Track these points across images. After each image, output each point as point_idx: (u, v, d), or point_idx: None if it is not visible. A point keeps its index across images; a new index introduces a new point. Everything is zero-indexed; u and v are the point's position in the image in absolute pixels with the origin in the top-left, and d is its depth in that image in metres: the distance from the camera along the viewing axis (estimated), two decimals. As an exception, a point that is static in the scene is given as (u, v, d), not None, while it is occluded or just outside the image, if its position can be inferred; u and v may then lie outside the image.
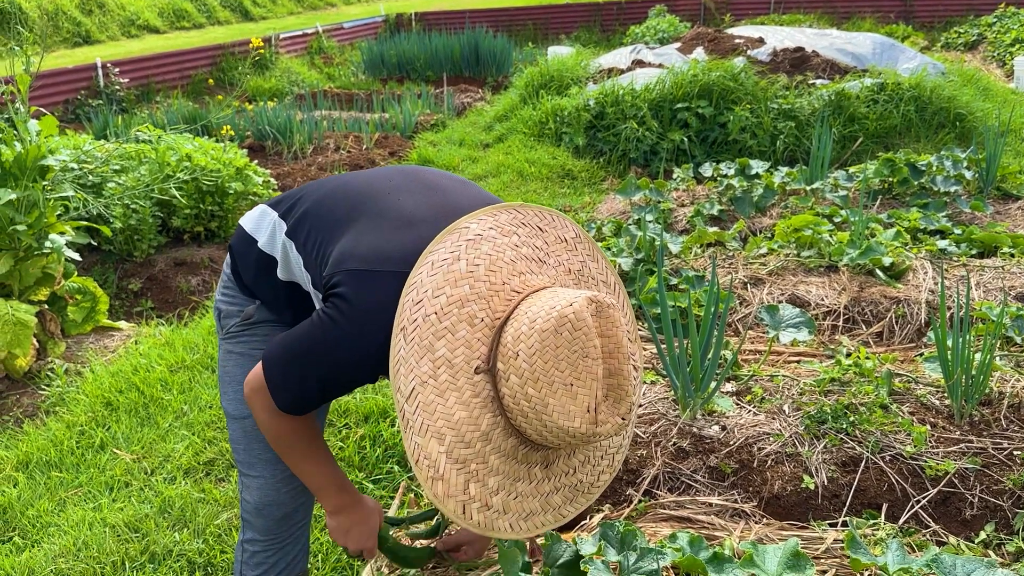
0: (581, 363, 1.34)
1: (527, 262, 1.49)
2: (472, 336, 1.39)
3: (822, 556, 2.16)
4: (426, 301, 1.39)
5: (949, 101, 7.12)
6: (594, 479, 1.59)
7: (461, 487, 1.37)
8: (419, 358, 1.37)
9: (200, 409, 3.30)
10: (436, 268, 1.41)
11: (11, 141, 3.76)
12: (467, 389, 1.38)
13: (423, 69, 12.38)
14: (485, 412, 1.39)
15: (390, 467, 2.84)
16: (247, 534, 1.87)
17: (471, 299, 1.40)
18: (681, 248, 4.16)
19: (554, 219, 1.59)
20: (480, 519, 1.39)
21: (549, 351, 1.33)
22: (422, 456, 1.35)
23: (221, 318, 1.83)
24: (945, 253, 3.94)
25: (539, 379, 1.34)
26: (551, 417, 1.34)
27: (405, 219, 1.55)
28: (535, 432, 1.38)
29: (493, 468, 1.40)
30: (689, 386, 2.70)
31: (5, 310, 3.62)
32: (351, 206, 1.61)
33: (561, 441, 1.38)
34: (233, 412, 1.83)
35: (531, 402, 1.35)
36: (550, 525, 1.50)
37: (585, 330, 1.34)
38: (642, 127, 7.06)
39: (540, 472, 1.48)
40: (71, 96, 9.81)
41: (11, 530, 2.74)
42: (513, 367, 1.36)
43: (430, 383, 1.36)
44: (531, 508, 1.46)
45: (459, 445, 1.37)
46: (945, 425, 2.65)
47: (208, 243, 5.56)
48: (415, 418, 1.36)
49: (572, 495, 1.54)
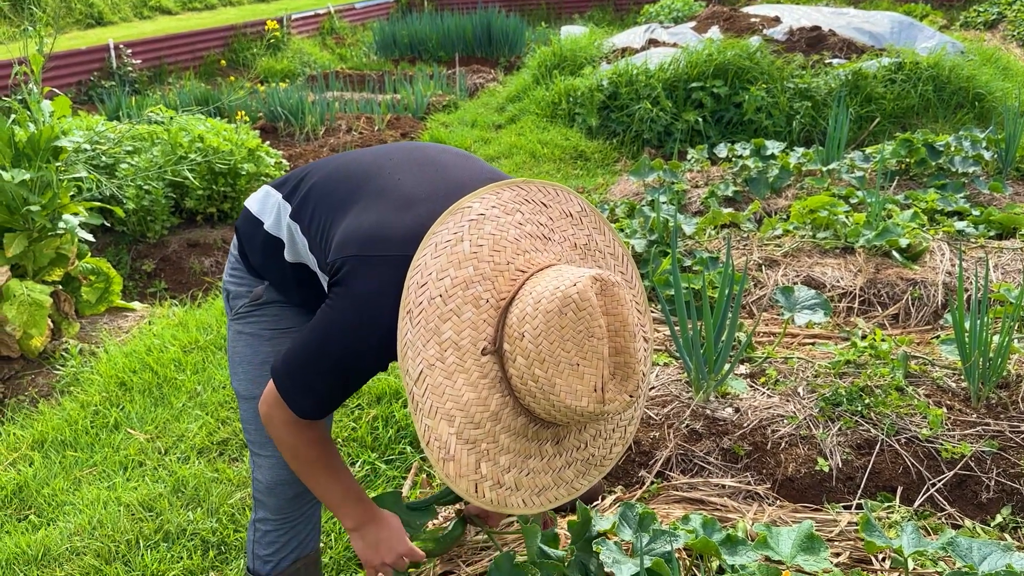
0: (587, 343, 1.34)
1: (531, 240, 1.48)
2: (478, 317, 1.39)
3: (836, 539, 2.15)
4: (431, 283, 1.38)
5: (968, 81, 7.02)
6: (606, 452, 1.59)
7: (472, 467, 1.38)
8: (426, 341, 1.37)
9: (213, 389, 3.31)
10: (440, 250, 1.40)
11: (25, 122, 3.76)
12: (475, 370, 1.38)
13: (435, 50, 12.31)
14: (494, 392, 1.39)
15: (402, 447, 2.84)
16: (259, 513, 1.87)
17: (476, 280, 1.40)
18: (695, 229, 4.13)
19: (558, 194, 1.58)
20: (492, 497, 1.40)
21: (554, 332, 1.33)
22: (433, 438, 1.36)
23: (230, 299, 1.83)
24: (963, 235, 3.89)
25: (545, 360, 1.34)
26: (558, 397, 1.35)
27: (404, 199, 1.53)
28: (544, 411, 1.39)
29: (504, 447, 1.41)
30: (703, 368, 2.68)
31: (20, 290, 3.64)
32: (352, 187, 1.60)
33: (570, 420, 1.39)
34: (244, 392, 1.83)
35: (538, 382, 1.35)
36: (564, 499, 1.51)
37: (589, 310, 1.33)
38: (656, 107, 7.00)
39: (551, 448, 1.49)
40: (84, 78, 9.82)
41: (27, 508, 2.76)
42: (519, 348, 1.36)
43: (438, 365, 1.36)
44: (543, 483, 1.47)
45: (469, 426, 1.37)
46: (962, 408, 2.62)
47: (221, 224, 5.57)
48: (424, 400, 1.36)
49: (585, 468, 1.55)
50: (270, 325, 1.79)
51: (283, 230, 1.67)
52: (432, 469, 2.74)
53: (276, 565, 1.87)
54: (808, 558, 1.75)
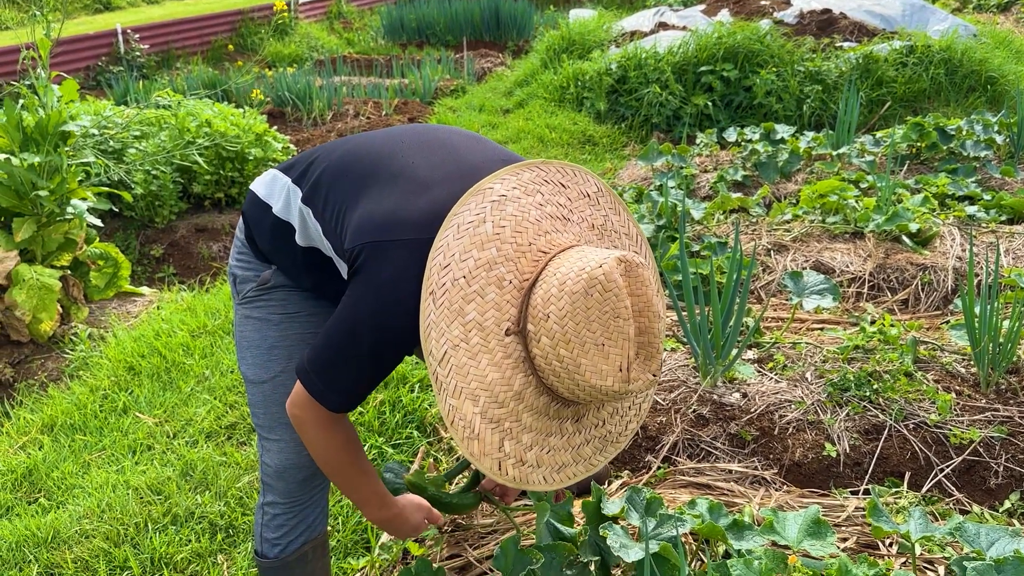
0: (612, 323, 1.36)
1: (552, 220, 1.49)
2: (501, 299, 1.41)
3: (843, 524, 2.15)
4: (453, 265, 1.39)
5: (980, 64, 6.96)
6: (622, 429, 1.63)
7: (496, 445, 1.41)
8: (449, 322, 1.38)
9: (221, 374, 3.32)
10: (462, 231, 1.41)
11: (33, 107, 3.76)
12: (499, 351, 1.40)
13: (443, 34, 12.26)
14: (517, 372, 1.41)
15: (409, 432, 2.85)
16: (267, 497, 1.88)
17: (499, 261, 1.41)
18: (704, 214, 4.11)
19: (575, 174, 1.59)
20: (515, 474, 1.43)
21: (580, 313, 1.35)
22: (457, 417, 1.38)
23: (236, 283, 1.82)
24: (974, 219, 3.86)
25: (571, 340, 1.36)
26: (584, 377, 1.37)
27: (419, 182, 1.53)
28: (567, 390, 1.41)
29: (526, 425, 1.44)
30: (710, 353, 2.68)
31: (29, 275, 3.65)
32: (365, 171, 1.59)
33: (593, 398, 1.42)
34: (252, 376, 1.82)
35: (563, 362, 1.37)
36: (582, 475, 1.54)
37: (616, 291, 1.35)
38: (665, 91, 6.96)
39: (571, 426, 1.52)
40: (92, 62, 9.82)
41: (37, 492, 2.78)
42: (544, 329, 1.38)
43: (462, 346, 1.38)
44: (563, 460, 1.51)
45: (493, 405, 1.40)
46: (971, 393, 2.61)
47: (229, 209, 5.57)
48: (448, 381, 1.38)
49: (602, 445, 1.59)
50: (278, 310, 1.79)
51: (294, 215, 1.66)
52: (439, 452, 2.75)
53: (284, 548, 1.88)
54: (815, 543, 1.75)
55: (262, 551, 1.89)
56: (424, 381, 3.09)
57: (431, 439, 2.83)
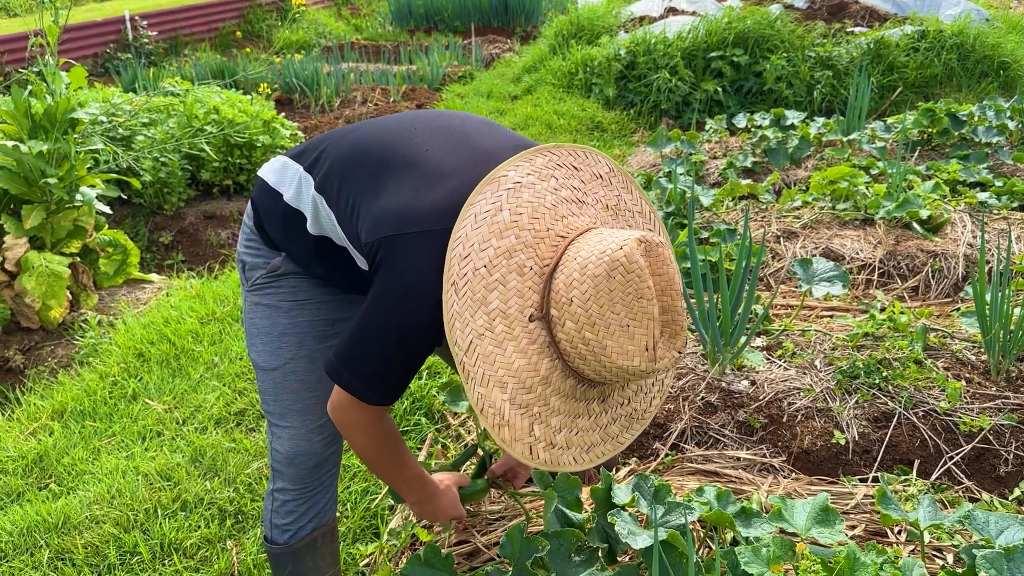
0: (636, 304, 1.38)
1: (567, 204, 1.51)
2: (523, 285, 1.42)
3: (851, 511, 2.15)
4: (474, 255, 1.40)
5: (993, 49, 6.89)
6: (647, 405, 1.65)
7: (527, 430, 1.43)
8: (473, 312, 1.39)
9: (230, 360, 3.33)
10: (480, 221, 1.42)
11: (41, 94, 3.76)
12: (523, 337, 1.42)
13: (451, 19, 12.21)
14: (543, 357, 1.43)
15: (417, 419, 2.85)
16: (277, 483, 1.88)
17: (518, 249, 1.42)
18: (713, 201, 4.09)
19: (587, 156, 1.60)
20: (546, 457, 1.45)
21: (603, 295, 1.37)
22: (487, 405, 1.40)
23: (245, 270, 1.82)
24: (985, 206, 3.83)
25: (595, 323, 1.38)
26: (610, 358, 1.39)
27: (434, 172, 1.52)
28: (594, 372, 1.43)
29: (554, 409, 1.46)
30: (719, 341, 2.67)
31: (39, 262, 3.66)
32: (378, 159, 1.58)
33: (620, 379, 1.44)
34: (262, 364, 1.82)
35: (589, 345, 1.39)
36: (610, 453, 1.57)
37: (638, 271, 1.36)
38: (674, 77, 6.92)
39: (598, 407, 1.54)
40: (100, 49, 9.81)
41: (47, 477, 2.80)
42: (568, 313, 1.39)
43: (487, 335, 1.40)
44: (592, 440, 1.53)
45: (521, 391, 1.42)
46: (981, 381, 2.60)
47: (237, 196, 5.57)
48: (476, 369, 1.39)
49: (628, 423, 1.61)
50: (288, 297, 1.79)
51: (306, 203, 1.65)
52: (447, 439, 2.75)
53: (294, 534, 1.88)
54: (823, 530, 1.74)
55: (271, 537, 1.90)
56: (432, 368, 3.09)
57: (439, 426, 2.84)
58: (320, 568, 1.94)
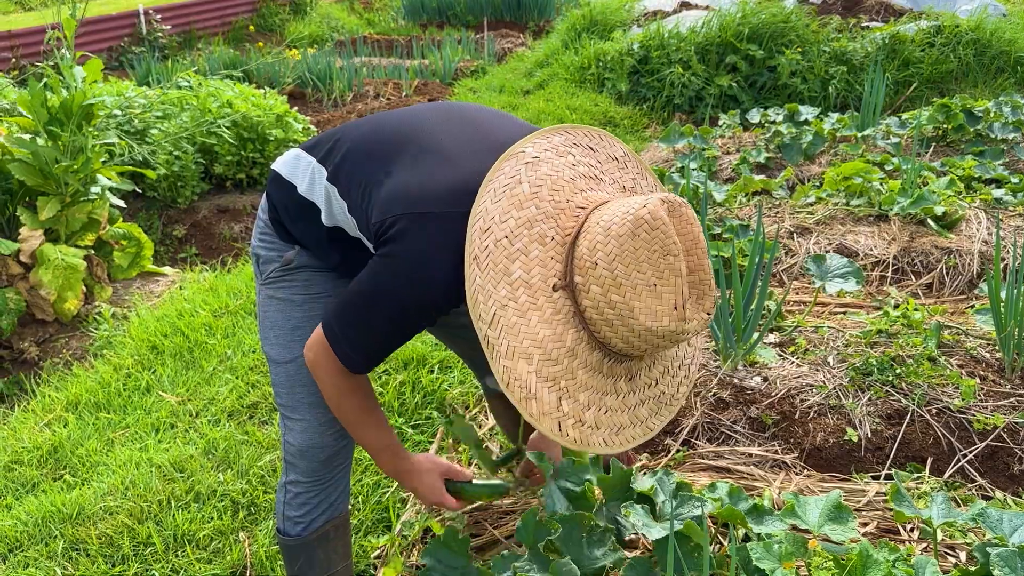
0: (662, 262, 1.34)
1: (586, 180, 1.50)
2: (545, 255, 1.40)
3: (864, 509, 2.14)
4: (494, 227, 1.39)
5: (1010, 44, 6.83)
6: (674, 390, 1.61)
7: (554, 404, 1.40)
8: (496, 283, 1.38)
9: (243, 353, 3.34)
10: (499, 194, 1.42)
11: (57, 87, 3.78)
12: (547, 307, 1.40)
13: (463, 14, 12.19)
14: (568, 328, 1.41)
15: (428, 412, 2.86)
16: (289, 476, 1.89)
17: (539, 219, 1.41)
18: (726, 196, 4.08)
19: (603, 139, 1.60)
20: (576, 435, 1.41)
21: (628, 254, 1.34)
22: (512, 378, 1.37)
23: (259, 263, 1.82)
24: (1000, 203, 3.80)
25: (622, 284, 1.35)
26: (638, 320, 1.36)
27: (446, 157, 1.53)
28: (621, 339, 1.40)
29: (582, 383, 1.43)
30: (731, 337, 2.66)
31: (54, 255, 3.69)
32: (391, 148, 1.59)
33: (648, 344, 1.40)
34: (276, 357, 1.83)
35: (616, 309, 1.36)
36: (640, 438, 1.53)
37: (663, 228, 1.34)
38: (687, 72, 6.89)
39: (625, 385, 1.50)
40: (114, 43, 9.85)
41: (62, 468, 2.82)
42: (593, 277, 1.37)
43: (511, 306, 1.38)
44: (621, 422, 1.49)
45: (547, 363, 1.39)
46: (995, 378, 2.58)
47: (250, 190, 5.59)
48: (500, 342, 1.37)
49: (656, 407, 1.57)
50: (301, 290, 1.79)
51: (319, 194, 1.66)
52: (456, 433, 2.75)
53: (307, 527, 1.89)
54: (836, 527, 1.74)
55: (284, 529, 1.91)
56: (444, 362, 3.09)
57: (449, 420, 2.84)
58: (332, 560, 1.94)
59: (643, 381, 1.54)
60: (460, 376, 3.02)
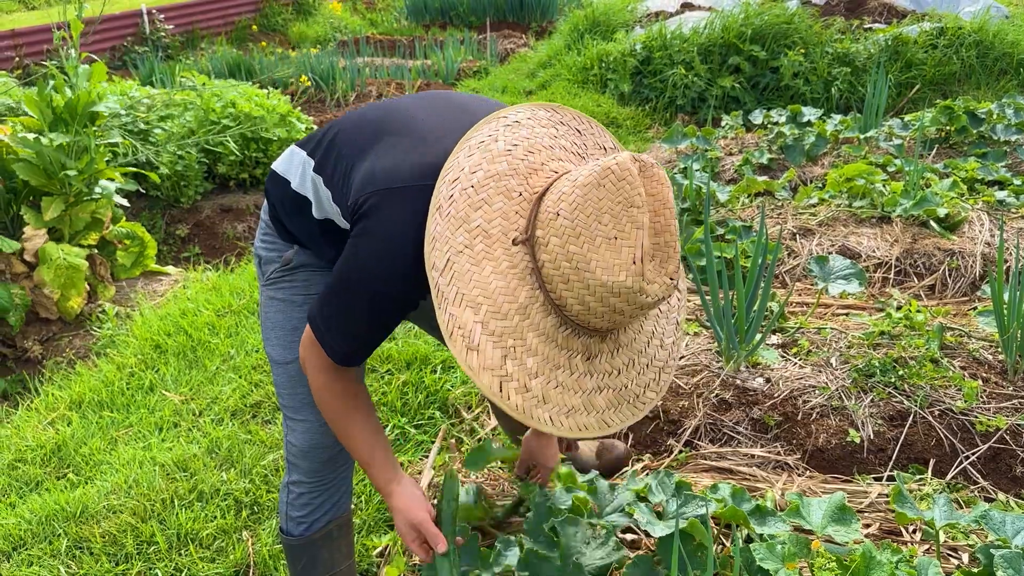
0: (625, 214, 1.28)
1: (566, 152, 1.46)
2: (509, 208, 1.36)
3: (866, 510, 2.14)
4: (463, 177, 1.36)
5: (1013, 46, 6.82)
6: (639, 390, 1.50)
7: (498, 362, 1.31)
8: (454, 230, 1.33)
9: (247, 353, 3.35)
10: (473, 150, 1.39)
11: (62, 87, 3.79)
12: (504, 259, 1.34)
13: (466, 14, 12.20)
14: (523, 284, 1.34)
15: (431, 412, 2.87)
16: (292, 476, 1.89)
17: (509, 174, 1.38)
18: (728, 197, 4.08)
19: (592, 127, 1.57)
20: (518, 401, 1.32)
21: (591, 204, 1.29)
22: (456, 327, 1.30)
23: (261, 264, 1.83)
24: (1003, 204, 3.81)
25: (581, 235, 1.29)
26: (594, 274, 1.29)
27: (423, 137, 1.51)
28: (577, 299, 1.33)
29: (531, 347, 1.34)
30: (733, 338, 2.66)
31: (57, 254, 3.69)
32: (372, 134, 1.57)
33: (606, 306, 1.32)
34: (277, 357, 1.83)
35: (572, 261, 1.30)
36: (594, 430, 1.42)
37: (630, 179, 1.28)
38: (690, 73, 6.89)
39: (581, 364, 1.41)
40: (117, 43, 9.87)
41: (65, 467, 2.82)
42: (553, 229, 1.31)
43: (465, 252, 1.32)
44: (573, 404, 1.39)
45: (495, 317, 1.32)
46: (998, 380, 2.58)
47: (253, 190, 5.60)
48: (449, 289, 1.31)
49: (617, 401, 1.45)
50: (302, 291, 1.80)
51: (308, 187, 1.65)
52: (461, 433, 2.76)
53: (309, 527, 1.89)
54: (839, 528, 1.74)
55: (287, 529, 1.91)
56: (447, 363, 3.10)
57: (453, 420, 2.85)
58: (335, 560, 1.95)
59: (603, 367, 1.44)
60: (463, 376, 3.02)
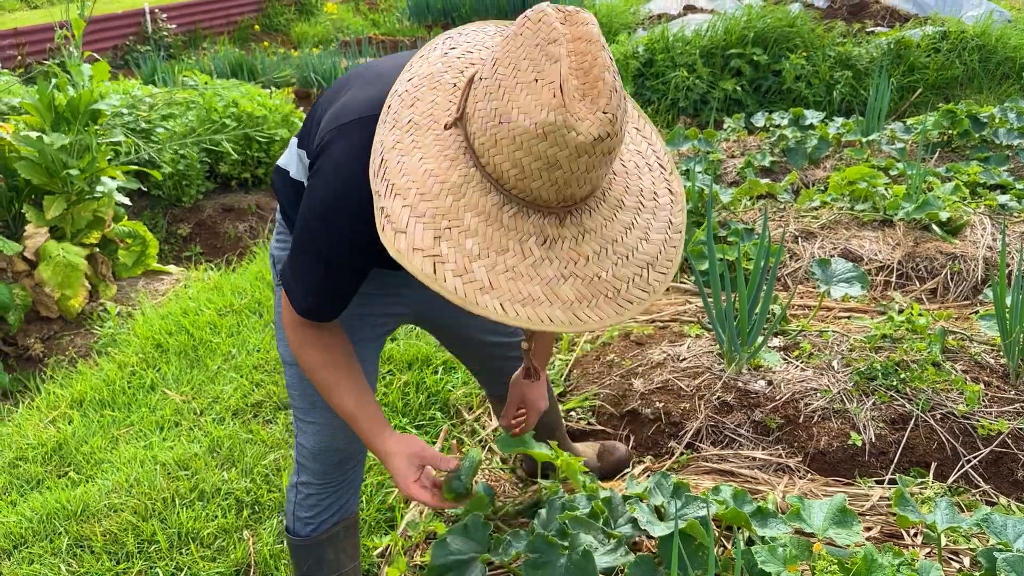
0: (541, 54, 1.17)
1: None
2: (442, 98, 1.30)
3: (867, 513, 2.14)
4: (399, 85, 1.34)
5: (1015, 51, 6.83)
6: (621, 285, 1.32)
7: (429, 243, 1.22)
8: (388, 132, 1.28)
9: (248, 352, 3.35)
10: (414, 62, 1.38)
11: (64, 86, 3.80)
12: (434, 145, 1.27)
13: (469, 15, 12.18)
14: (457, 165, 1.26)
15: (432, 413, 2.87)
16: (301, 477, 1.87)
17: (444, 71, 1.34)
18: (731, 200, 4.08)
19: None
20: (456, 284, 1.21)
21: (510, 55, 1.21)
22: (386, 219, 1.23)
23: (275, 264, 1.82)
24: (1005, 208, 3.80)
25: (501, 86, 1.20)
26: (517, 121, 1.17)
27: (384, 73, 1.47)
28: (509, 160, 1.21)
29: (470, 228, 1.24)
30: (735, 340, 2.66)
31: (57, 252, 3.70)
32: (339, 87, 1.55)
33: (539, 159, 1.19)
34: (289, 358, 1.81)
35: (496, 117, 1.20)
36: (562, 324, 1.26)
37: (546, 20, 1.18)
38: (692, 75, 6.90)
39: (537, 249, 1.26)
40: (119, 42, 9.87)
41: (66, 466, 2.83)
42: (476, 95, 1.25)
43: (396, 147, 1.26)
44: (531, 292, 1.25)
45: (424, 199, 1.23)
46: (1000, 384, 2.58)
47: (255, 190, 5.60)
48: (380, 184, 1.25)
49: (591, 295, 1.29)
50: None
51: (301, 169, 1.63)
52: (462, 433, 2.76)
53: (316, 527, 1.89)
54: (840, 531, 1.74)
55: (293, 529, 1.91)
56: (448, 363, 3.10)
57: (454, 420, 2.85)
58: (341, 561, 1.94)
59: (566, 253, 1.28)
60: (464, 377, 3.02)
